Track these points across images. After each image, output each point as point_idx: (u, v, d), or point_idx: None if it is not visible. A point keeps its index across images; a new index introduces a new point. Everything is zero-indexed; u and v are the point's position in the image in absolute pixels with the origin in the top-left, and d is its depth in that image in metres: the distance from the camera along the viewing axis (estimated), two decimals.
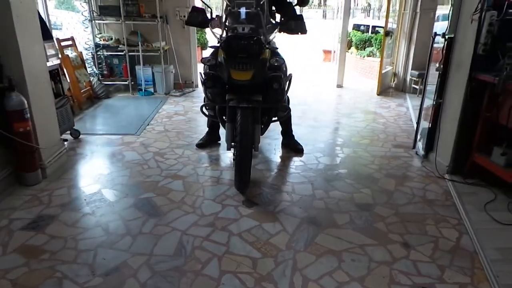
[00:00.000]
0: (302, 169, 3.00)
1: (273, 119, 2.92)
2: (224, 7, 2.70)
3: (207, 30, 3.90)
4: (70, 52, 4.60)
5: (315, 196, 2.56)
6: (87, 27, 5.25)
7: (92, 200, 2.46)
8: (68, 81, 4.41)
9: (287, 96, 3.06)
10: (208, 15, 2.82)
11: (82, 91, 4.68)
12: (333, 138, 3.81)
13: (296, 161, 3.18)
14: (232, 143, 2.57)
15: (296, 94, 5.34)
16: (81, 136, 3.62)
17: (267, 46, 2.52)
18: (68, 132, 3.54)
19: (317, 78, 7.32)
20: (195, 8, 2.81)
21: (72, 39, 4.71)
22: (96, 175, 2.81)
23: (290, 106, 3.16)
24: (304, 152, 3.35)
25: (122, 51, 5.34)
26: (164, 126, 4.04)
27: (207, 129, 3.52)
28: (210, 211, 2.36)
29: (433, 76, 3.20)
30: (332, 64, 9.72)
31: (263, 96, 2.55)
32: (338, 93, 5.91)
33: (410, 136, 3.80)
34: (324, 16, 28.40)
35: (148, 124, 4.09)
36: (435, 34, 2.98)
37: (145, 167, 2.98)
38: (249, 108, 2.43)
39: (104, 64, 5.49)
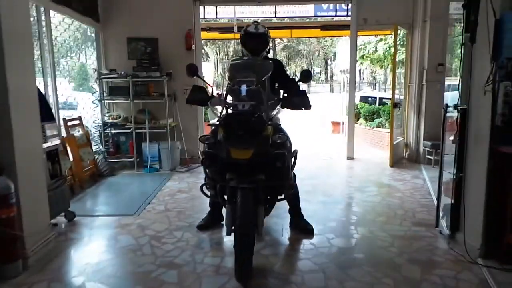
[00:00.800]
0: (313, 254, 2.67)
1: (279, 197, 2.69)
2: (225, 85, 2.66)
3: None
4: (76, 131, 4.62)
5: None
6: (96, 107, 5.35)
7: None
8: (71, 159, 4.35)
9: (293, 173, 2.86)
10: (209, 93, 2.78)
11: (85, 169, 4.59)
12: (346, 215, 3.50)
13: (306, 244, 2.86)
14: (233, 227, 2.32)
15: (305, 168, 5.16)
16: (76, 218, 3.41)
17: (269, 122, 2.40)
18: (62, 214, 3.35)
19: (326, 150, 7.19)
20: (195, 87, 2.78)
21: (79, 118, 4.77)
22: (82, 265, 2.54)
23: (298, 180, 2.95)
24: (315, 233, 3.04)
25: (129, 128, 5.37)
26: (165, 205, 3.82)
27: (209, 208, 3.28)
28: None
29: (449, 147, 3.00)
30: (341, 135, 9.72)
31: (267, 174, 2.36)
32: (349, 165, 5.71)
33: (431, 212, 3.47)
34: (332, 90, 29.51)
35: (148, 203, 3.88)
36: (447, 105, 2.85)
37: (139, 254, 2.70)
38: (250, 188, 2.22)
39: (111, 141, 5.50)
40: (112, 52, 5.65)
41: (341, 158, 6.15)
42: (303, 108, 2.69)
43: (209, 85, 3.02)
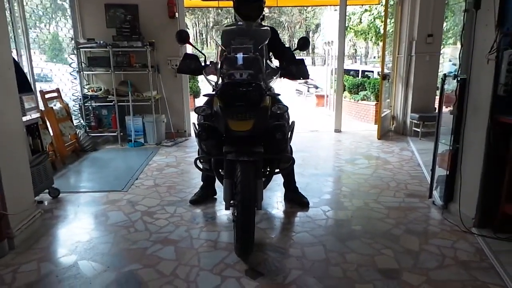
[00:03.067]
0: (311, 227, 2.65)
1: (276, 171, 2.62)
2: (219, 53, 2.49)
3: (200, 78, 3.72)
4: (54, 104, 4.37)
5: (329, 262, 2.19)
6: (75, 78, 5.05)
7: (66, 276, 2.06)
8: (52, 134, 4.12)
9: (290, 146, 2.79)
10: (202, 62, 2.62)
11: (67, 144, 4.38)
12: (339, 187, 3.49)
13: (302, 217, 2.83)
14: (231, 202, 2.24)
15: (294, 140, 5.11)
16: (61, 195, 3.25)
17: (267, 92, 2.28)
18: (46, 191, 3.18)
19: (313, 123, 7.14)
20: (187, 55, 2.61)
21: (57, 90, 4.50)
22: (73, 243, 2.42)
23: None
24: (310, 205, 3.01)
25: (111, 101, 5.13)
26: (154, 180, 3.70)
27: (201, 182, 3.19)
28: (208, 285, 1.97)
29: (443, 119, 2.98)
30: (326, 109, 9.69)
31: (265, 147, 2.27)
32: (337, 138, 5.69)
33: (422, 184, 3.50)
34: (313, 63, 29.26)
35: (136, 179, 3.75)
36: (445, 75, 2.79)
37: (132, 231, 2.60)
38: (250, 161, 2.13)
39: (92, 115, 5.24)
40: (89, 20, 5.28)
41: (329, 131, 6.13)
42: (301, 78, 2.59)
43: (202, 53, 2.85)
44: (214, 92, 2.24)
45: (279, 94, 2.40)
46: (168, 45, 5.33)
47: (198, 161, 2.60)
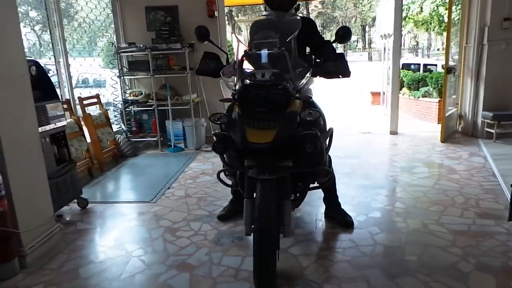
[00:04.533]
0: (353, 255, 2.20)
1: (311, 186, 2.21)
2: (240, 50, 2.15)
3: None
4: (94, 110, 4.35)
5: None
6: (115, 83, 5.03)
7: None
8: (89, 141, 4.09)
9: (328, 156, 2.36)
10: (224, 62, 2.30)
11: (105, 150, 4.33)
12: (392, 203, 2.96)
13: (344, 241, 2.38)
14: (253, 226, 1.88)
15: (342, 145, 4.63)
16: (90, 206, 3.14)
17: (296, 95, 1.89)
18: (75, 201, 3.09)
19: (366, 124, 6.53)
20: (207, 54, 2.31)
21: (97, 96, 4.48)
22: (85, 265, 2.23)
23: (335, 160, 2.45)
24: (355, 225, 2.56)
25: (151, 106, 5.04)
26: (186, 190, 3.46)
27: (231, 195, 2.88)
28: None
29: None
30: (382, 107, 8.94)
31: (295, 160, 1.88)
32: (393, 141, 5.06)
33: (499, 200, 2.86)
34: (370, 58, 27.82)
35: (168, 188, 3.54)
36: None
37: (149, 251, 2.36)
38: (272, 179, 1.76)
39: (133, 120, 5.20)
40: (130, 25, 5.25)
41: (383, 133, 5.51)
42: (340, 76, 2.14)
43: (224, 51, 2.53)
44: (232, 97, 1.90)
45: (310, 97, 1.99)
46: (208, 46, 5.05)
47: (222, 173, 2.29)
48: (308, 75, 1.98)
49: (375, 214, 2.76)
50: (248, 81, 1.85)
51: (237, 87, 1.88)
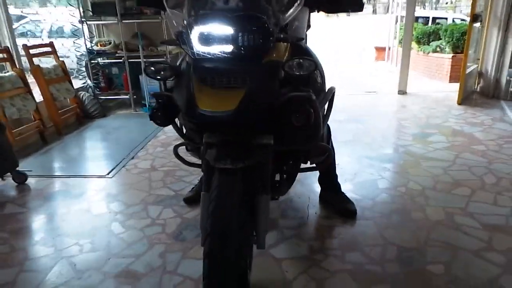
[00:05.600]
0: (356, 261, 1.63)
1: (303, 166, 1.59)
2: None
3: None
4: (46, 62, 3.62)
5: None
6: (76, 30, 4.24)
7: None
8: (41, 100, 3.41)
9: (327, 127, 1.72)
10: None
11: (63, 110, 3.66)
12: (404, 182, 2.36)
13: (344, 238, 1.81)
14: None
15: (342, 106, 3.96)
16: (30, 181, 2.54)
17: (280, 35, 1.20)
18: (8, 176, 2.48)
19: (370, 81, 5.81)
20: None
21: (51, 45, 3.72)
22: (2, 264, 1.66)
23: (333, 127, 1.82)
24: (358, 215, 1.98)
25: (121, 57, 4.28)
26: (152, 161, 2.85)
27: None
28: None
29: None
30: (387, 63, 8.18)
31: (278, 132, 1.25)
32: (402, 102, 4.40)
33: None
34: (374, 11, 26.22)
35: (132, 158, 2.92)
36: None
37: (86, 249, 1.78)
38: (237, 169, 1.13)
39: (100, 75, 4.46)
40: None
41: (390, 92, 4.82)
42: (349, 9, 1.44)
43: None
44: (175, 37, 1.21)
45: (302, 39, 1.30)
46: None
47: (179, 149, 1.66)
48: (299, 5, 1.27)
49: (384, 198, 2.17)
50: (200, 11, 1.14)
51: (185, 22, 1.18)
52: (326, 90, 1.47)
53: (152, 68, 1.26)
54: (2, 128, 2.37)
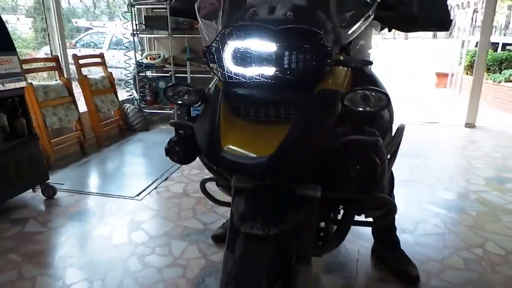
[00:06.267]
0: None
1: (356, 219, 1.26)
2: None
3: None
4: (95, 73, 3.61)
5: None
6: (127, 42, 4.25)
7: None
8: (85, 109, 3.38)
9: (391, 175, 1.37)
10: None
11: (105, 122, 3.60)
12: (480, 242, 1.91)
13: None
14: None
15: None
16: (58, 195, 2.42)
17: (341, 56, 0.90)
18: (39, 188, 2.38)
19: (431, 110, 5.27)
20: None
21: (101, 56, 3.71)
22: None
23: None
24: (422, 282, 1.58)
25: (168, 71, 4.22)
26: (186, 185, 2.64)
27: None
28: None
29: None
30: (450, 90, 7.54)
31: (327, 176, 0.94)
32: (470, 136, 3.86)
33: None
34: (435, 35, 24.95)
35: (166, 179, 2.74)
36: None
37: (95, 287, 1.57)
38: (266, 237, 0.84)
39: (147, 88, 4.42)
40: None
41: (455, 124, 4.29)
42: (432, 28, 1.12)
43: None
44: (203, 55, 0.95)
45: (370, 63, 0.98)
46: None
47: (207, 184, 1.41)
48: (367, 18, 0.96)
49: (455, 261, 1.74)
50: (241, 22, 0.89)
51: (219, 30, 0.93)
52: (397, 128, 1.13)
53: (171, 91, 1.02)
54: (35, 139, 2.28)
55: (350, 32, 0.92)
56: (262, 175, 0.84)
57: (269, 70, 0.85)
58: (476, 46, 8.48)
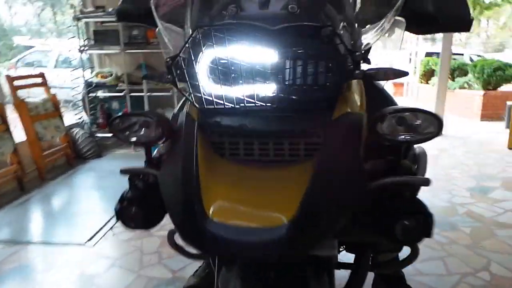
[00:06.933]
0: None
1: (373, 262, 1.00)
2: None
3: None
4: (37, 95, 3.16)
5: None
6: (72, 60, 3.82)
7: None
8: (24, 138, 2.91)
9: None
10: None
11: (49, 152, 3.14)
12: (484, 264, 1.73)
13: None
14: None
15: None
16: None
17: (359, 70, 0.66)
18: None
19: None
20: None
21: (41, 75, 3.26)
22: None
23: None
24: None
25: (122, 91, 3.83)
26: None
27: None
28: None
29: None
30: (407, 98, 7.82)
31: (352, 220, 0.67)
32: (440, 145, 3.81)
33: None
34: (385, 45, 26.21)
35: None
36: None
37: None
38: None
39: (99, 109, 3.99)
40: None
41: None
42: (450, 29, 0.91)
43: None
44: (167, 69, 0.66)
45: (406, 74, 0.73)
46: None
47: (176, 235, 1.09)
48: (390, 17, 0.72)
49: None
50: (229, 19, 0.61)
51: (188, 34, 0.65)
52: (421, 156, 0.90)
53: (120, 124, 0.71)
54: None
55: (370, 34, 0.67)
56: (279, 260, 0.55)
57: (266, 89, 0.58)
58: (425, 55, 8.86)
